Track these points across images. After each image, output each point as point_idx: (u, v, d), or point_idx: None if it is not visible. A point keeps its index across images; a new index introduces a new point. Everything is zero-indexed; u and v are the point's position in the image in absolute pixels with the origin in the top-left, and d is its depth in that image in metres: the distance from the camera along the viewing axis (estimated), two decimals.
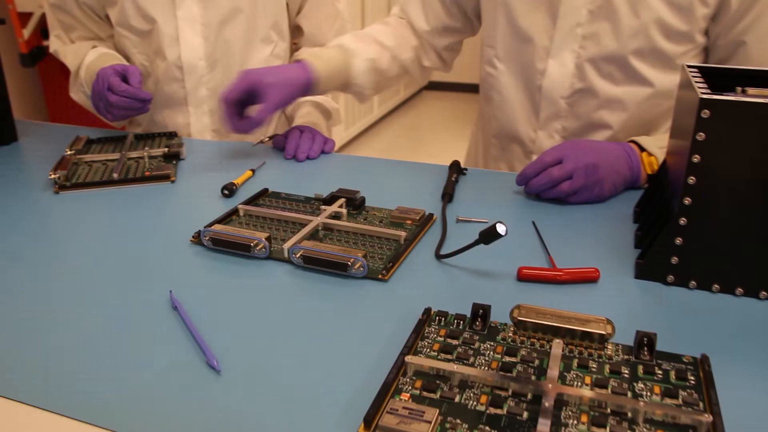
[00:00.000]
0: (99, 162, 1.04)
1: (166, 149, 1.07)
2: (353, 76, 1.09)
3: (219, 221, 0.81)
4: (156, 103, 1.23)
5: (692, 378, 0.52)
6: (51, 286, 0.69)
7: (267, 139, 1.18)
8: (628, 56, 0.95)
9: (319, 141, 1.11)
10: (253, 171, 1.00)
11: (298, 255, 0.71)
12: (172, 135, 1.17)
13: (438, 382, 0.52)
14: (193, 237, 0.78)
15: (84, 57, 1.21)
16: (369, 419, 0.47)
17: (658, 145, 0.91)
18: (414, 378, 0.52)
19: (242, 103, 1.00)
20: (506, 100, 1.08)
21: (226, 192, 0.91)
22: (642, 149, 0.92)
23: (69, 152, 1.06)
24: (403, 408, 0.48)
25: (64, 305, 0.65)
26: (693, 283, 0.68)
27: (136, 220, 0.85)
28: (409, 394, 0.50)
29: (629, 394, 0.50)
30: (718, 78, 0.71)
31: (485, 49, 1.11)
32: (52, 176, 0.95)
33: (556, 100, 1.02)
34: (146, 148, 1.07)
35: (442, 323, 0.60)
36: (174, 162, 1.04)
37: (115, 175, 0.96)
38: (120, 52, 1.23)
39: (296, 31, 1.31)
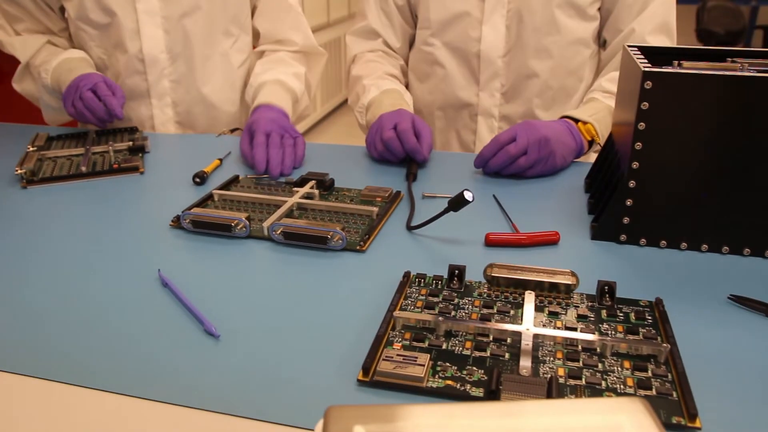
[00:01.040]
0: (63, 157, 1.05)
1: (131, 143, 1.08)
2: None
3: (196, 206, 0.83)
4: None
5: (649, 317, 0.59)
6: (39, 274, 0.70)
7: (229, 131, 1.20)
8: (553, 9, 1.09)
9: (289, 147, 1.01)
10: (221, 160, 1.03)
11: (278, 231, 0.74)
12: (133, 130, 1.18)
13: (425, 333, 0.56)
14: (172, 221, 0.81)
15: (39, 50, 1.22)
16: (367, 367, 0.52)
17: (588, 114, 1.03)
18: (402, 331, 0.57)
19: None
20: (447, 71, 1.19)
21: (197, 180, 0.94)
22: (576, 121, 1.02)
23: (32, 148, 1.06)
24: (397, 355, 0.52)
25: (55, 291, 0.67)
26: (643, 240, 0.75)
27: (110, 210, 0.87)
28: (400, 344, 0.55)
29: (596, 333, 0.56)
30: (652, 56, 0.78)
31: (418, 32, 1.22)
32: (19, 171, 0.95)
33: (494, 61, 1.15)
34: (110, 143, 1.08)
35: (422, 284, 0.65)
36: (140, 155, 1.06)
37: (84, 168, 0.97)
38: (76, 46, 1.24)
39: (254, 32, 1.33)
